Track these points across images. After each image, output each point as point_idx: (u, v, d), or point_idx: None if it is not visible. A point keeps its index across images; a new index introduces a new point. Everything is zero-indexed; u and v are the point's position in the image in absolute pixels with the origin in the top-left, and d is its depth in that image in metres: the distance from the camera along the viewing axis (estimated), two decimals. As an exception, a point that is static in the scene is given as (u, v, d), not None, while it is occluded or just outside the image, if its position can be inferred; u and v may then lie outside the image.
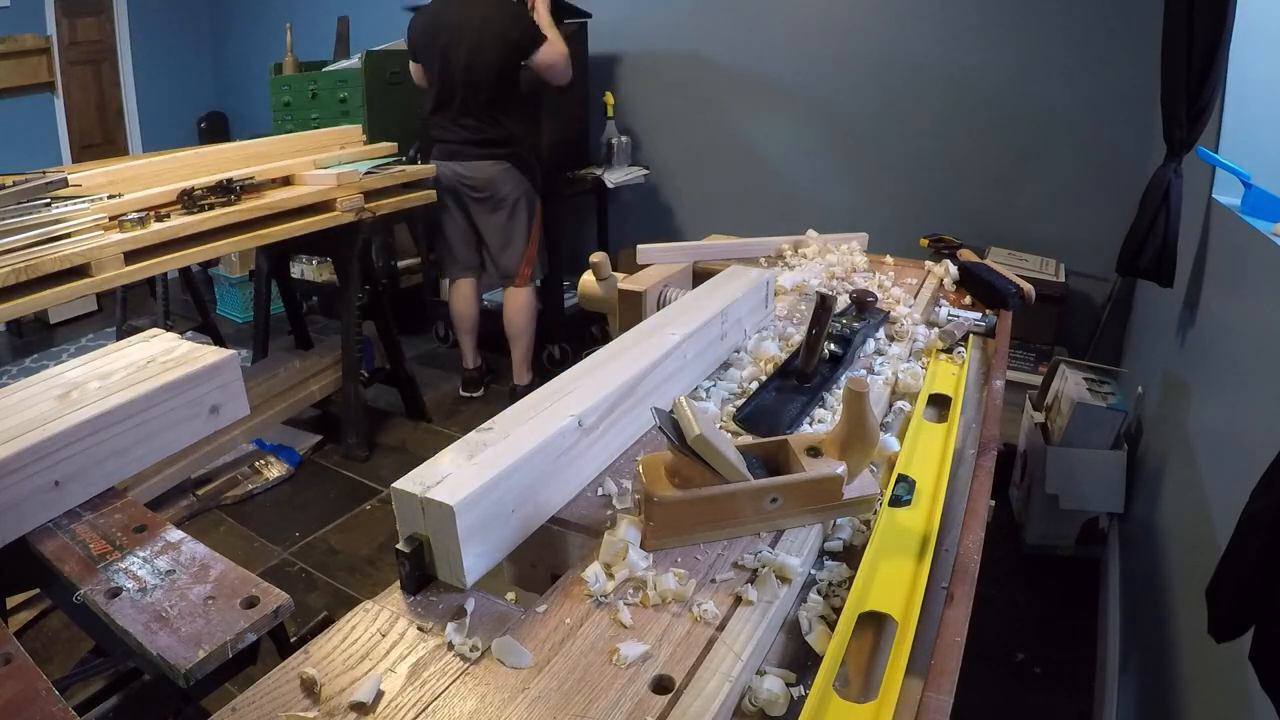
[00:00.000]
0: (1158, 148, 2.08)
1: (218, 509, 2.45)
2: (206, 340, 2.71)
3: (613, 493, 0.82)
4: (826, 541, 0.77)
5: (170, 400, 1.06)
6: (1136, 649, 1.64)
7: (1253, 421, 1.21)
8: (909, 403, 1.04)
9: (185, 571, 0.86)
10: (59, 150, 4.20)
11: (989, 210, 2.90)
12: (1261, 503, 0.85)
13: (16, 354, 3.70)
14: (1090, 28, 2.58)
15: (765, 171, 3.32)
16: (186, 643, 0.76)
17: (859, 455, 0.77)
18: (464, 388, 3.14)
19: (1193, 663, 1.24)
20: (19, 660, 0.74)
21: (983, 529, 0.78)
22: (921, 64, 2.89)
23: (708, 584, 0.68)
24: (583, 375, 0.91)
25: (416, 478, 0.69)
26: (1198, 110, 1.80)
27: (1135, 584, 1.81)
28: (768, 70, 3.18)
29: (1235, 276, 1.53)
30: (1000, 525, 2.29)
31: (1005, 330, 1.30)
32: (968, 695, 0.65)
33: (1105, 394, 2.13)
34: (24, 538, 0.91)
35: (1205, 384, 1.56)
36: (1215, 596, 0.90)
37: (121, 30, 4.35)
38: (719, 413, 1.00)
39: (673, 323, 1.07)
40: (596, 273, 1.56)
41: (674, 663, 0.60)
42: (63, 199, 1.82)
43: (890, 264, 1.66)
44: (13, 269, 1.63)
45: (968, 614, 0.65)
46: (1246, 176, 1.53)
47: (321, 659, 0.62)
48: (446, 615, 0.66)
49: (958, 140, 2.90)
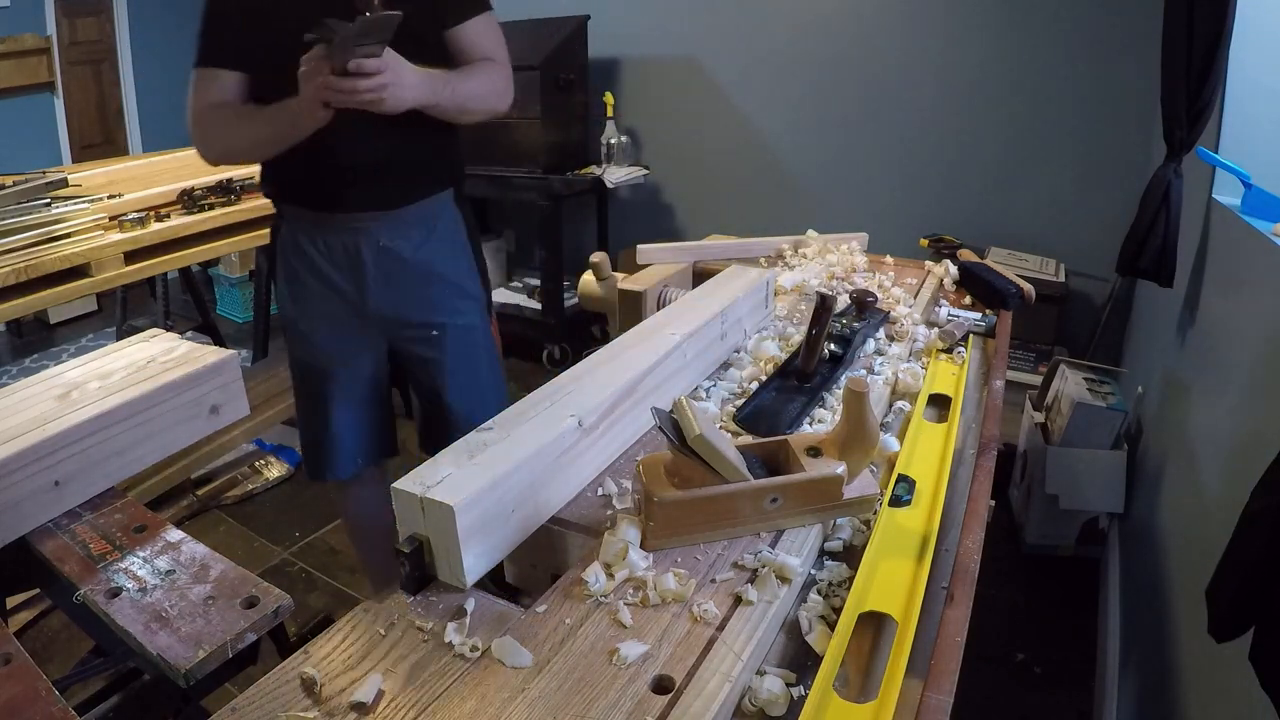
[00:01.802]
0: (1158, 148, 2.08)
1: (218, 509, 2.45)
2: (206, 340, 2.71)
3: (613, 493, 0.82)
4: (826, 541, 0.77)
5: (170, 400, 1.07)
6: (1136, 649, 1.64)
7: (1253, 421, 1.21)
8: (909, 403, 1.04)
9: (185, 571, 0.86)
10: (59, 150, 4.19)
11: (989, 210, 2.90)
12: (1261, 503, 0.85)
13: (16, 354, 3.70)
14: (1090, 28, 2.58)
15: (765, 171, 3.32)
16: (186, 643, 0.76)
17: (859, 455, 0.77)
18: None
19: (1193, 663, 1.24)
20: (19, 660, 0.74)
21: (983, 529, 0.78)
22: (922, 64, 2.89)
23: (708, 584, 0.68)
24: (583, 375, 0.91)
25: (416, 478, 0.69)
26: (1198, 110, 1.80)
27: (1135, 584, 1.81)
28: (768, 70, 3.18)
29: (1235, 276, 1.53)
30: (1000, 525, 2.29)
31: (1005, 330, 1.30)
32: (968, 695, 0.65)
33: (1105, 394, 2.13)
34: (24, 538, 0.92)
35: (1205, 384, 1.56)
36: (1215, 596, 0.90)
37: (121, 30, 4.34)
38: (719, 413, 1.00)
39: (673, 323, 1.07)
40: (596, 273, 1.56)
41: (674, 663, 0.60)
42: (63, 199, 1.82)
43: (890, 264, 1.66)
44: (13, 269, 1.63)
45: (968, 614, 0.65)
46: (1246, 176, 1.53)
47: (321, 659, 0.62)
48: (446, 615, 0.66)
49: (958, 140, 2.90)
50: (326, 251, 1.34)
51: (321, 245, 1.34)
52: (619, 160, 3.32)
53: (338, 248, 1.34)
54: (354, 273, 1.35)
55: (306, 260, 1.36)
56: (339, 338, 1.40)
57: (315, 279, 1.36)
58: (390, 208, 1.33)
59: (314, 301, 1.38)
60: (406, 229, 1.35)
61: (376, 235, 1.33)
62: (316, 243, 1.34)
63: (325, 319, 1.38)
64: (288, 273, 1.38)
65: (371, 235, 1.33)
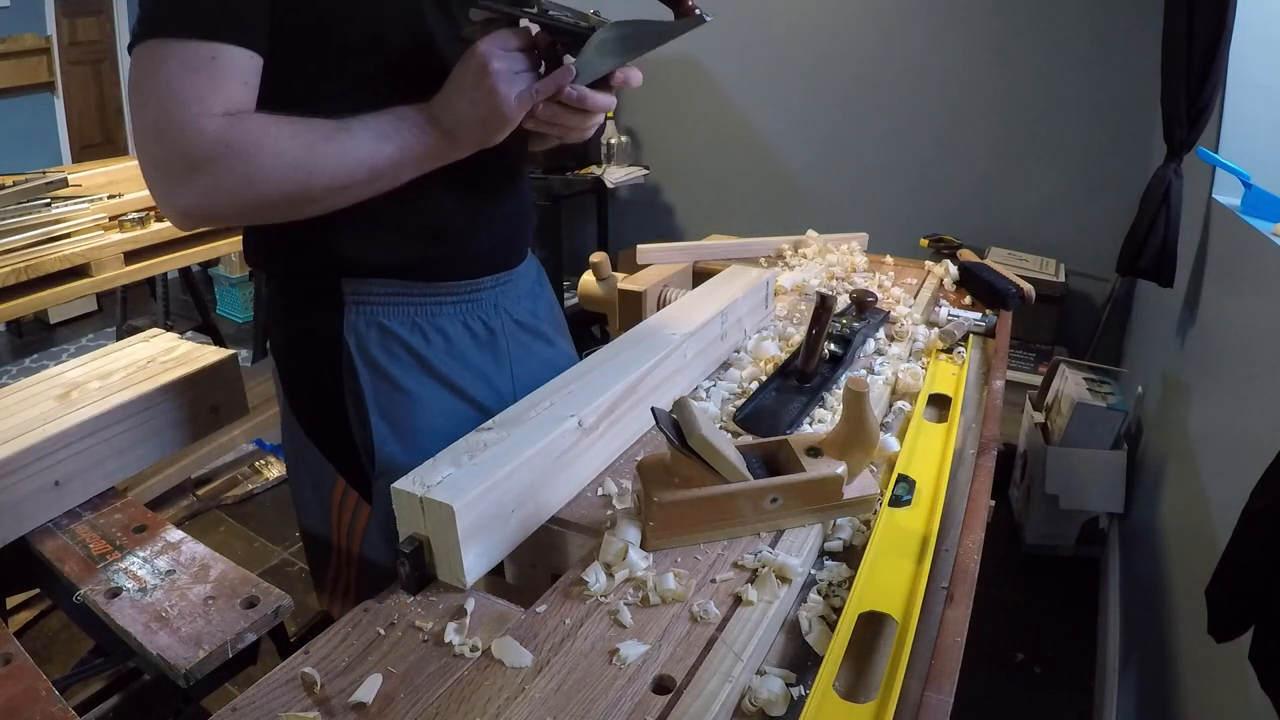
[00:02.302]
0: (1158, 148, 2.08)
1: (218, 509, 2.45)
2: (206, 340, 2.71)
3: (613, 493, 0.82)
4: (826, 541, 0.77)
5: (170, 400, 1.07)
6: (1136, 649, 1.64)
7: (1253, 421, 1.21)
8: (909, 403, 1.04)
9: (185, 571, 0.86)
10: (59, 150, 4.19)
11: (989, 210, 2.91)
12: (1261, 503, 0.85)
13: (16, 354, 3.70)
14: (1091, 28, 2.58)
15: (765, 171, 3.32)
16: (186, 643, 0.76)
17: (859, 455, 0.77)
18: None
19: (1193, 663, 1.24)
20: (19, 660, 0.73)
21: (983, 529, 0.78)
22: (922, 63, 2.89)
23: (708, 584, 0.68)
24: (583, 375, 0.91)
25: (416, 478, 0.69)
26: (1198, 110, 1.80)
27: (1135, 584, 1.81)
28: (768, 70, 3.18)
29: (1235, 276, 1.53)
30: (1000, 525, 2.29)
31: (1005, 330, 1.30)
32: (968, 695, 0.65)
33: (1105, 394, 2.13)
34: (24, 538, 0.92)
35: (1205, 384, 1.56)
36: (1215, 596, 0.90)
37: (121, 30, 4.34)
38: (719, 413, 0.99)
39: (673, 323, 1.07)
40: (596, 273, 1.56)
41: (674, 663, 0.60)
42: (63, 199, 1.82)
43: (890, 264, 1.66)
44: (13, 269, 1.63)
45: (968, 614, 0.65)
46: (1246, 176, 1.53)
47: (321, 659, 0.62)
48: (446, 615, 0.66)
49: (958, 140, 2.90)
50: (441, 338, 0.89)
51: (432, 329, 0.88)
52: (619, 160, 3.32)
53: (454, 328, 0.90)
54: (485, 355, 0.93)
55: (407, 359, 0.87)
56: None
57: (430, 380, 0.88)
58: (510, 266, 0.96)
59: (428, 415, 0.88)
60: (527, 288, 1.01)
61: (502, 303, 0.95)
62: (422, 328, 0.88)
63: (440, 438, 0.80)
64: (378, 385, 0.85)
65: (499, 304, 0.95)
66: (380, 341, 0.85)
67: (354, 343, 0.85)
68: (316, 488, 0.92)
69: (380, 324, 0.85)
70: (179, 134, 0.68)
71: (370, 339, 0.85)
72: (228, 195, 0.70)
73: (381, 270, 0.84)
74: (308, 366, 0.88)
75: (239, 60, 0.70)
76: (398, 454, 0.85)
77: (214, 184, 0.70)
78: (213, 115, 0.68)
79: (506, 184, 0.92)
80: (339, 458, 0.89)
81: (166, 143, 0.69)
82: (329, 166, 0.71)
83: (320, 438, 0.90)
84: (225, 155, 0.68)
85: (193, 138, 0.68)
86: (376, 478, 0.86)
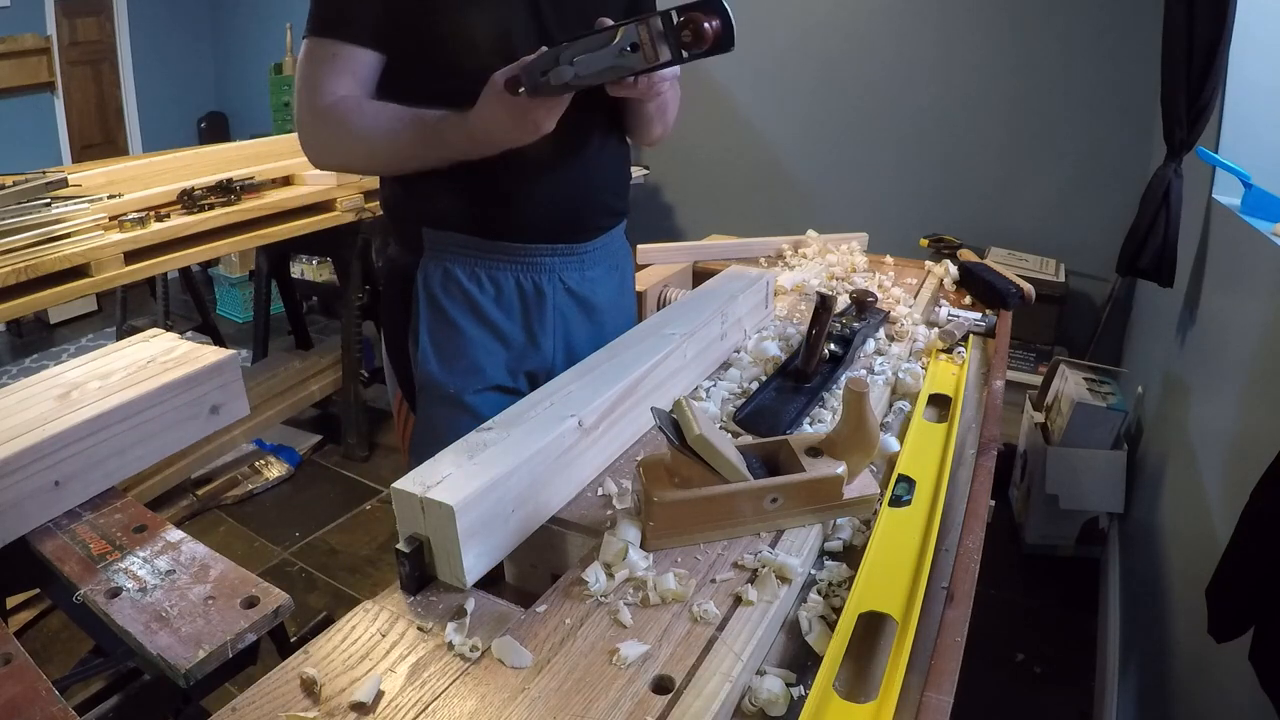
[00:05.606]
0: (1158, 148, 2.08)
1: (218, 509, 2.45)
2: (206, 340, 2.71)
3: (613, 493, 0.82)
4: (826, 541, 0.77)
5: (170, 400, 1.06)
6: (1136, 649, 1.64)
7: (1253, 421, 1.21)
8: (909, 403, 1.04)
9: (185, 571, 0.86)
10: (59, 150, 4.20)
11: (989, 210, 2.91)
12: (1261, 503, 0.85)
13: (16, 354, 3.70)
14: (1090, 28, 2.58)
15: (765, 171, 3.32)
16: (186, 643, 0.76)
17: (859, 455, 0.77)
18: None
19: (1193, 663, 1.24)
20: (19, 660, 0.74)
21: (983, 529, 0.78)
22: (922, 63, 2.89)
23: (708, 584, 0.68)
24: (583, 375, 0.91)
25: (416, 478, 0.69)
26: (1198, 110, 1.80)
27: (1135, 584, 1.81)
28: (768, 70, 3.18)
29: (1235, 276, 1.53)
30: (1000, 525, 2.29)
31: (1005, 330, 1.30)
32: (968, 695, 0.65)
33: (1105, 394, 2.13)
34: (24, 538, 0.91)
35: (1205, 384, 1.56)
36: (1215, 596, 0.91)
37: (121, 30, 4.35)
38: (719, 413, 0.99)
39: (673, 323, 1.07)
40: (596, 273, 1.56)
41: (674, 663, 0.60)
42: (63, 199, 1.82)
43: (890, 264, 1.66)
44: (13, 269, 1.63)
45: (968, 614, 0.65)
46: (1246, 176, 1.53)
47: (321, 659, 0.62)
48: (446, 615, 0.66)
49: (958, 140, 2.90)
50: (494, 287, 1.07)
51: (487, 279, 1.07)
52: (619, 160, 3.32)
53: (507, 282, 1.08)
54: (532, 310, 1.10)
55: (461, 300, 1.07)
56: (483, 396, 1.10)
57: (475, 320, 1.07)
58: (575, 240, 1.10)
59: (468, 347, 1.08)
60: (598, 268, 1.15)
61: (559, 270, 1.10)
62: (479, 277, 1.07)
63: (476, 375, 1.08)
64: (433, 315, 1.07)
65: (555, 270, 1.09)
66: (443, 283, 1.06)
67: (422, 279, 1.07)
68: (391, 397, 1.19)
69: (446, 268, 1.06)
70: (305, 109, 0.98)
71: (435, 279, 1.06)
72: (328, 155, 1.03)
73: (452, 224, 1.04)
74: (391, 295, 1.12)
75: (354, 55, 0.96)
76: (436, 373, 1.07)
77: (320, 146, 1.01)
78: (324, 96, 0.95)
79: (570, 162, 1.05)
80: (400, 372, 1.13)
81: (299, 113, 0.99)
82: (385, 150, 0.98)
83: (392, 355, 1.14)
84: (325, 127, 0.98)
85: (309, 112, 0.98)
86: (419, 390, 1.09)
